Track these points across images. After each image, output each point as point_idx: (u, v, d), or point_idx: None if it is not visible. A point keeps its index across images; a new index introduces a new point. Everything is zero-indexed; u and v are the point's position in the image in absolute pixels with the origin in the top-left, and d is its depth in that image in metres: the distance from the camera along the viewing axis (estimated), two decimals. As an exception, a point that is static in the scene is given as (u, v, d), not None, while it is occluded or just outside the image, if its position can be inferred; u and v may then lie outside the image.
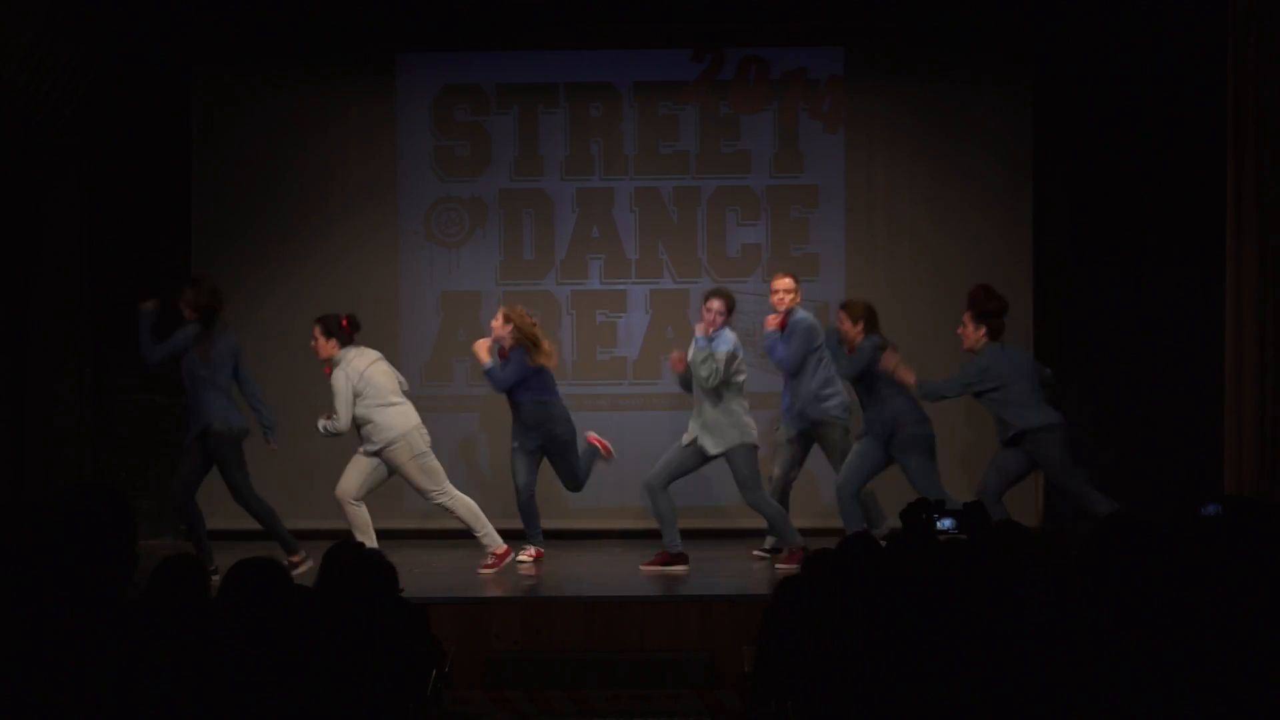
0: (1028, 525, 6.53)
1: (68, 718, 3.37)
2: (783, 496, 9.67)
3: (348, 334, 9.33)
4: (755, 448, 9.24)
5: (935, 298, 10.85)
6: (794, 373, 9.50)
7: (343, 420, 9.18)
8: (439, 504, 9.35)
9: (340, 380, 9.21)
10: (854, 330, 9.17)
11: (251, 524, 9.20)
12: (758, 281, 10.86)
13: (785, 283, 9.61)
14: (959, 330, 9.10)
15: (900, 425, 9.04)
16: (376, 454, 9.25)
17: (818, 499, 10.48)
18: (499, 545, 9.33)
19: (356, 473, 9.27)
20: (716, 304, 9.25)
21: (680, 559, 9.27)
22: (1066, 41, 10.84)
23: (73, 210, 10.63)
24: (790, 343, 9.48)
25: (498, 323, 9.47)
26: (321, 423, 9.24)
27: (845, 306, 9.35)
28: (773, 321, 9.59)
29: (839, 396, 9.53)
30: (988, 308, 9.04)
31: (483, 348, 9.42)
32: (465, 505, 9.34)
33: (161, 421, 11.04)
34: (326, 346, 9.29)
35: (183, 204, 11.17)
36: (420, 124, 11.22)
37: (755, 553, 9.75)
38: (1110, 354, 10.64)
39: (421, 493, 9.38)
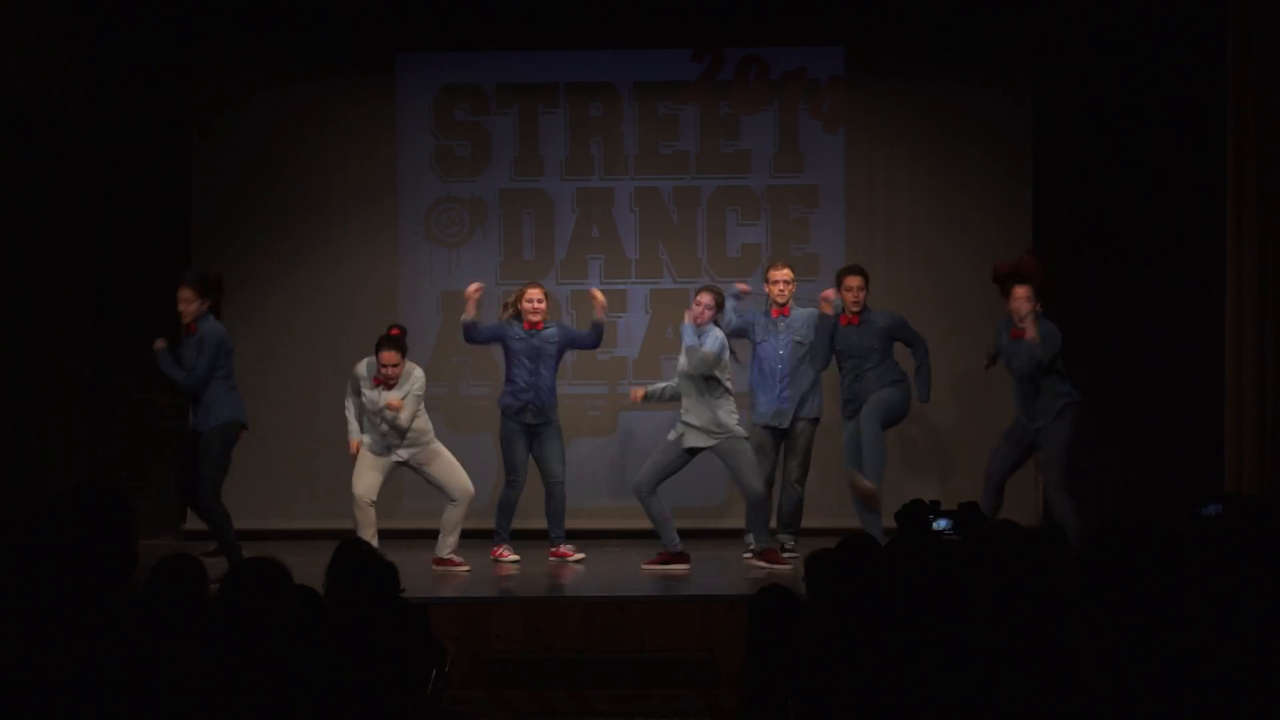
0: (1027, 525, 6.53)
1: (68, 718, 3.37)
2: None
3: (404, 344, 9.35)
4: (744, 438, 9.26)
5: (935, 297, 10.86)
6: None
7: (405, 422, 9.21)
8: (463, 499, 9.34)
9: (417, 396, 9.27)
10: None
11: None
12: (758, 281, 10.85)
13: (786, 273, 9.76)
14: (1033, 308, 9.04)
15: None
16: (412, 451, 9.28)
17: (817, 499, 10.47)
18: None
19: (376, 474, 9.29)
20: (707, 298, 9.25)
21: (681, 558, 9.26)
22: (1066, 41, 10.84)
23: (73, 210, 10.63)
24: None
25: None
26: (390, 413, 9.17)
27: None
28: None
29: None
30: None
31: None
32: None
33: (161, 421, 11.04)
34: (402, 366, 9.25)
35: (183, 204, 11.16)
36: (420, 124, 11.22)
37: (744, 556, 9.68)
38: (1110, 354, 10.62)
39: (448, 488, 9.35)
